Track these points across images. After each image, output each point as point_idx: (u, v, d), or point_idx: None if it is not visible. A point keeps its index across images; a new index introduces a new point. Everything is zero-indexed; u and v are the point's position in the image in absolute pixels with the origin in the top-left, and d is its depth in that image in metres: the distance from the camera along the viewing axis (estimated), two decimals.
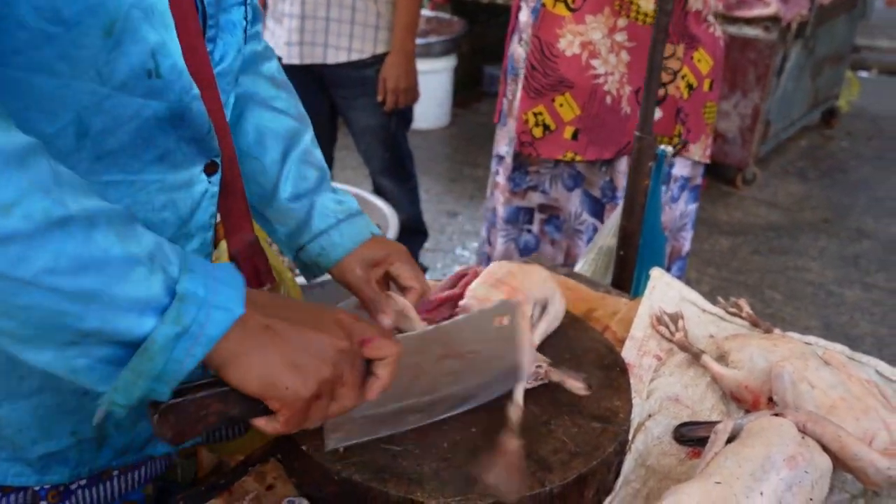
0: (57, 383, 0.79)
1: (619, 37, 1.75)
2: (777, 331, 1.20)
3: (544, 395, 0.98)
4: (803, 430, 0.91)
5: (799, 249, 3.53)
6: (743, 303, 1.29)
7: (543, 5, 1.75)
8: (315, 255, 1.00)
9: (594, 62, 1.76)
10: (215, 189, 0.86)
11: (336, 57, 2.31)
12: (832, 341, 1.21)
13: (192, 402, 0.65)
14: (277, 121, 1.00)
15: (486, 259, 2.10)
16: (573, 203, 1.95)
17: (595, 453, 0.89)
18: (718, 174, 4.14)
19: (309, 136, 1.04)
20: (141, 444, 0.90)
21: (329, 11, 2.28)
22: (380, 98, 2.38)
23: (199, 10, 0.77)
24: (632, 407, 0.98)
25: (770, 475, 0.82)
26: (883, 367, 1.16)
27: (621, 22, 1.73)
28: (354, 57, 2.33)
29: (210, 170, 0.83)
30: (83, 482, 0.87)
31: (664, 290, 1.32)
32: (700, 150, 1.92)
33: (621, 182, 1.84)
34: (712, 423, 1.03)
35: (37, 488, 0.84)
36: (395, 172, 2.56)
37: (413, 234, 2.78)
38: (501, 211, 2.04)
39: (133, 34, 0.67)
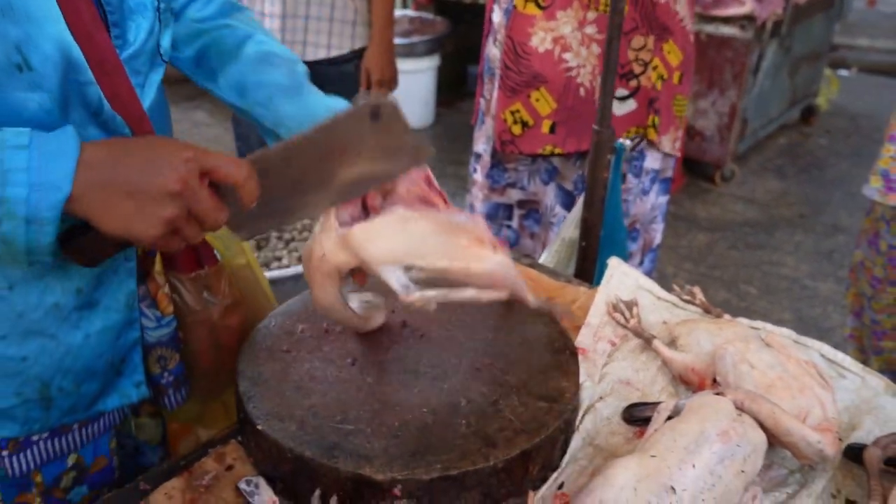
0: None
1: (590, 29, 1.78)
2: (727, 316, 1.24)
3: (492, 376, 1.01)
4: (741, 408, 0.95)
5: (775, 244, 3.58)
6: (697, 290, 1.33)
7: (515, 6, 1.79)
8: None
9: (566, 55, 1.80)
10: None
11: (315, 54, 2.35)
12: (805, 334, 1.25)
13: (88, 239, 0.78)
14: (274, 64, 1.04)
15: None
16: (549, 196, 1.99)
17: (540, 430, 0.92)
18: (697, 171, 4.20)
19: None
20: (88, 403, 0.96)
21: (308, 9, 2.31)
22: (363, 91, 2.43)
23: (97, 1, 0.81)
24: (579, 388, 1.02)
25: (703, 449, 0.86)
26: (826, 349, 1.21)
27: (591, 15, 1.77)
28: (334, 53, 2.36)
29: None
30: (44, 435, 0.94)
31: (621, 278, 1.36)
32: (669, 143, 1.96)
33: None
34: (657, 404, 1.08)
35: None
36: None
37: None
38: (480, 207, 2.07)
39: None
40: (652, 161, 1.97)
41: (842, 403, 1.10)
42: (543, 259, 1.65)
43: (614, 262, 1.38)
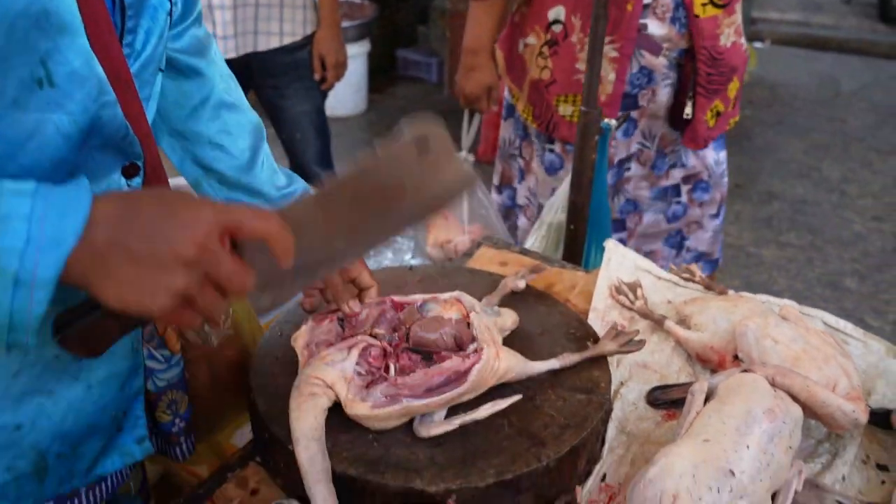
0: None
1: None
2: (731, 292, 1.25)
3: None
4: (773, 384, 0.95)
5: None
6: (694, 268, 1.33)
7: (696, 16, 1.72)
8: None
9: (742, 40, 1.86)
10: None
11: (268, 43, 2.24)
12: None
13: (88, 323, 0.66)
14: (238, 112, 0.98)
15: None
16: (709, 157, 2.00)
17: (584, 424, 0.90)
18: None
19: (266, 145, 1.02)
20: (86, 467, 0.85)
21: None
22: (317, 76, 2.34)
23: (115, 3, 0.71)
24: (611, 376, 1.00)
25: (753, 429, 0.85)
26: (828, 317, 1.23)
27: None
28: (287, 41, 2.26)
29: (129, 172, 0.77)
30: None
31: (620, 260, 1.35)
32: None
33: None
34: (683, 385, 1.07)
35: None
36: (326, 160, 2.51)
37: None
38: (647, 194, 2.01)
39: (20, 45, 0.61)
40: None
41: None
42: (530, 244, 1.63)
43: (611, 245, 1.37)
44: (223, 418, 1.05)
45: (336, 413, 0.89)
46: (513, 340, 1.04)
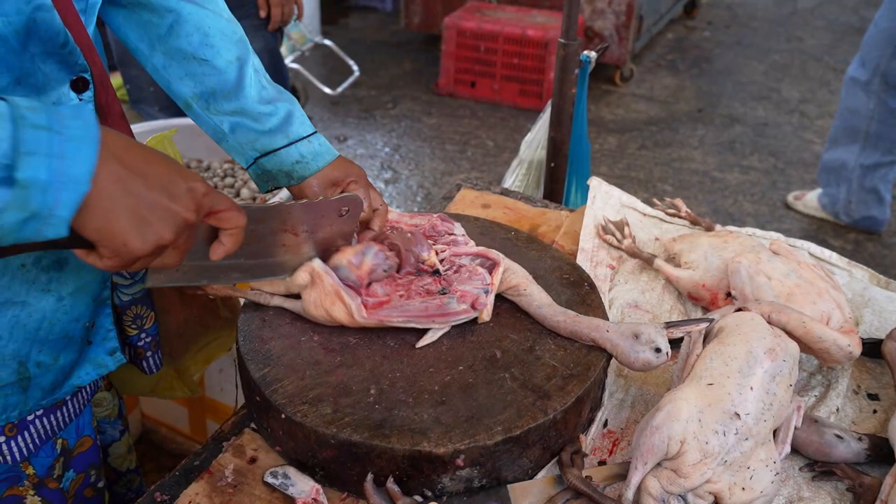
0: None
1: None
2: (718, 226, 1.24)
3: (516, 320, 0.96)
4: (769, 321, 0.95)
5: (681, 140, 3.69)
6: (679, 202, 1.32)
7: None
8: (291, 162, 0.97)
9: None
10: (90, 106, 0.80)
11: None
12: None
13: None
14: (220, 21, 0.94)
15: None
16: None
17: (588, 373, 0.88)
18: (598, 74, 4.21)
19: (254, 56, 0.98)
20: (65, 378, 0.89)
21: None
22: (262, 14, 2.21)
23: None
24: (609, 321, 0.98)
25: (755, 369, 0.85)
26: (813, 248, 1.23)
27: None
28: None
29: (79, 87, 0.78)
30: (39, 412, 0.88)
31: (604, 198, 1.32)
32: None
33: None
34: (681, 325, 1.06)
35: None
36: None
37: None
38: None
39: None
40: None
41: None
42: (509, 184, 1.59)
43: (595, 183, 1.34)
44: (191, 339, 1.07)
45: (333, 373, 0.86)
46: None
